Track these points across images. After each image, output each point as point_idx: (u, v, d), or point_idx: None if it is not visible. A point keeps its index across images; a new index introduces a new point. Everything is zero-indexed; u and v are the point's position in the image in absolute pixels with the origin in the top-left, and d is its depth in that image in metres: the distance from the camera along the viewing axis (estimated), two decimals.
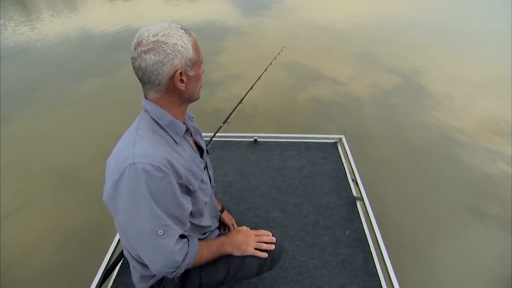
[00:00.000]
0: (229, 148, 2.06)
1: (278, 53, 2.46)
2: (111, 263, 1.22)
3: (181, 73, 0.72)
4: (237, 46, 6.42)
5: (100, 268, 1.21)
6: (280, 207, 1.61)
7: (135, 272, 0.87)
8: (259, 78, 2.17)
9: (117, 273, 1.28)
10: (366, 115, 3.82)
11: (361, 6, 11.03)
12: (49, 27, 8.67)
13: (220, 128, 1.81)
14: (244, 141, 2.13)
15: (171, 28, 0.71)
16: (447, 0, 11.96)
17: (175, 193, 0.72)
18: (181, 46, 0.70)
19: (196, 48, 0.75)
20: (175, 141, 0.79)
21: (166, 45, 0.69)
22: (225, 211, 1.24)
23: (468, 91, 4.39)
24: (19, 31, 8.11)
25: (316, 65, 5.31)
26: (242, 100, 1.98)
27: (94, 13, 10.91)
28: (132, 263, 0.86)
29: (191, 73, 0.75)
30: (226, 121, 1.85)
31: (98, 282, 1.15)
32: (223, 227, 1.22)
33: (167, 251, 0.72)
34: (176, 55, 0.70)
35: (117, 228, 0.74)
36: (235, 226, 1.26)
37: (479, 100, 4.14)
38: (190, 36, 0.74)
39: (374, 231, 1.40)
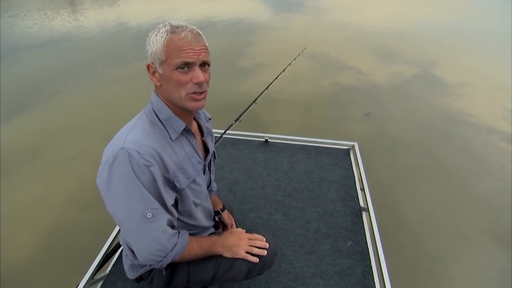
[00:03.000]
0: (239, 147, 2.07)
1: (299, 54, 2.43)
2: (111, 249, 1.27)
3: (148, 66, 0.76)
4: (267, 39, 7.01)
5: (100, 253, 1.25)
6: (283, 210, 1.60)
7: (127, 260, 0.90)
8: (276, 78, 2.16)
9: (117, 259, 1.33)
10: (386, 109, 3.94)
11: (393, 10, 11.04)
12: (91, 19, 9.26)
13: (231, 125, 1.82)
14: (255, 140, 2.13)
15: (163, 24, 0.74)
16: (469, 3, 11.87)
17: (155, 183, 0.72)
18: (152, 41, 0.73)
19: (168, 46, 0.71)
20: (171, 137, 0.79)
21: (148, 39, 0.75)
22: (225, 210, 1.25)
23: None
24: (65, 22, 8.76)
25: (341, 56, 5.75)
26: (256, 100, 1.97)
27: (132, 6, 11.42)
28: (126, 251, 0.89)
29: (159, 70, 0.75)
30: (238, 119, 1.85)
31: (96, 266, 1.19)
32: (222, 226, 1.23)
33: (155, 235, 0.73)
34: (148, 49, 0.74)
35: (109, 212, 0.75)
36: (234, 226, 1.26)
37: None
38: (170, 34, 0.71)
39: (376, 245, 1.35)
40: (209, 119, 1.05)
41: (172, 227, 0.80)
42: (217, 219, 1.15)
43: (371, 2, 12.66)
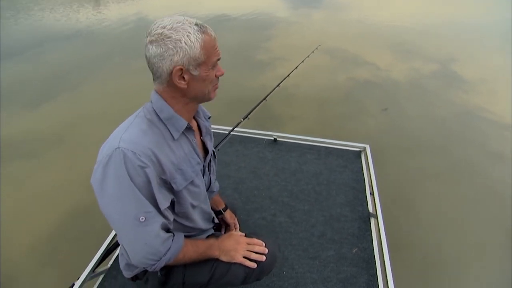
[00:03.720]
0: (247, 145, 2.04)
1: (313, 51, 2.37)
2: (113, 242, 1.28)
3: (181, 70, 0.70)
4: (284, 33, 7.10)
5: (102, 246, 1.27)
6: (288, 212, 1.57)
7: (123, 259, 0.91)
8: (288, 75, 2.12)
9: (119, 253, 1.34)
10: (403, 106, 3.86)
11: (414, 7, 10.83)
12: (113, 13, 9.49)
13: (239, 123, 1.80)
14: (264, 139, 2.09)
15: (182, 23, 0.68)
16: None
17: (150, 186, 0.71)
18: (185, 43, 0.68)
19: (206, 48, 0.71)
20: (173, 137, 0.78)
21: (169, 39, 0.67)
22: (228, 210, 1.23)
23: None
24: (89, 15, 9.06)
25: (359, 52, 5.76)
26: (266, 97, 1.94)
27: (153, 1, 11.57)
28: (122, 249, 0.89)
29: (194, 73, 0.72)
30: (247, 116, 1.83)
31: (98, 259, 1.21)
32: (224, 226, 1.21)
33: (148, 239, 0.72)
34: (177, 51, 0.68)
35: (102, 212, 0.74)
36: (237, 226, 1.24)
37: None
38: (202, 34, 0.70)
39: (383, 253, 1.29)
40: (209, 118, 1.02)
41: (167, 230, 0.79)
42: (217, 220, 1.14)
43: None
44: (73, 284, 1.09)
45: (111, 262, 1.29)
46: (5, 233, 2.09)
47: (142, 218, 0.70)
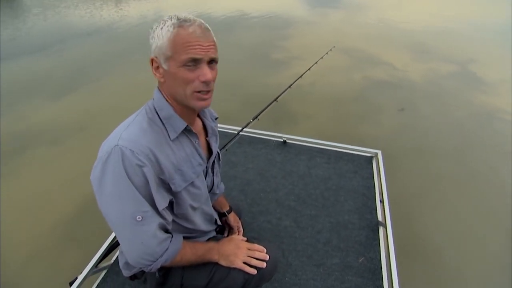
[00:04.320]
0: (256, 146, 2.03)
1: (327, 53, 2.32)
2: (117, 239, 1.30)
3: (153, 60, 0.73)
4: (301, 32, 7.14)
5: (107, 240, 1.28)
6: (294, 216, 1.54)
7: (122, 257, 0.92)
8: (300, 76, 2.09)
9: None
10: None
11: (433, 8, 10.61)
12: (133, 11, 9.72)
13: (249, 123, 1.78)
14: (273, 140, 2.07)
15: (168, 18, 0.70)
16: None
17: (147, 185, 0.70)
18: (157, 35, 0.70)
19: (174, 42, 0.67)
20: (169, 137, 0.77)
21: (153, 32, 0.71)
22: (232, 212, 1.22)
23: None
24: (111, 12, 9.33)
25: (376, 52, 5.77)
26: (277, 98, 1.92)
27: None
28: (121, 248, 0.90)
29: (165, 66, 0.71)
30: (257, 117, 1.81)
31: (101, 254, 1.23)
32: (227, 229, 1.21)
33: (145, 239, 0.72)
34: (152, 42, 0.71)
35: (100, 209, 0.73)
36: (241, 230, 1.23)
37: None
38: (177, 28, 0.67)
39: (390, 265, 1.24)
40: (216, 119, 1.01)
41: (166, 230, 0.79)
42: (219, 222, 1.13)
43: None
44: (76, 278, 1.12)
45: (114, 258, 1.31)
46: (27, 214, 2.21)
47: (139, 217, 0.70)
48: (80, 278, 1.12)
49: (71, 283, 1.11)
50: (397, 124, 3.40)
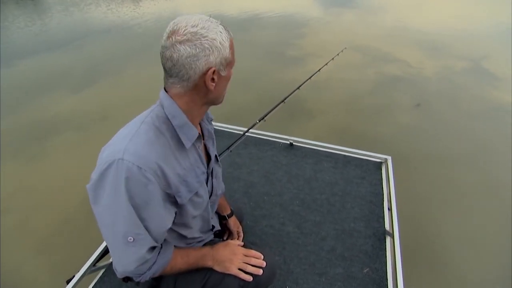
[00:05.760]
0: (262, 147, 1.99)
1: (338, 54, 2.26)
2: None
3: (214, 71, 0.67)
4: (316, 30, 7.25)
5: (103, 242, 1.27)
6: (298, 222, 1.50)
7: None
8: (309, 78, 2.03)
9: None
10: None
11: (450, 9, 10.41)
12: (152, 9, 9.94)
13: (255, 124, 1.75)
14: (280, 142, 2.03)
15: (211, 22, 0.65)
16: None
17: (154, 204, 0.68)
18: (220, 43, 0.65)
19: (232, 48, 0.70)
20: (183, 146, 0.73)
21: (205, 38, 0.63)
22: (233, 216, 1.20)
23: None
24: (130, 10, 9.59)
25: (390, 51, 5.81)
26: (284, 99, 1.87)
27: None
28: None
29: (223, 73, 0.70)
30: (263, 118, 1.78)
31: (99, 253, 1.23)
32: (227, 233, 1.18)
33: (133, 259, 0.70)
34: (213, 51, 0.65)
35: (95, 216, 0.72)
36: (241, 235, 1.21)
37: None
38: (228, 34, 0.68)
39: (397, 277, 1.19)
40: (211, 120, 0.98)
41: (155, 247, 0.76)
42: (219, 227, 1.11)
43: (427, 1, 11.64)
44: (73, 276, 1.13)
45: (112, 258, 1.31)
46: (27, 214, 2.27)
47: (130, 238, 0.67)
48: (77, 276, 1.13)
49: (68, 281, 1.12)
50: (409, 125, 3.32)
